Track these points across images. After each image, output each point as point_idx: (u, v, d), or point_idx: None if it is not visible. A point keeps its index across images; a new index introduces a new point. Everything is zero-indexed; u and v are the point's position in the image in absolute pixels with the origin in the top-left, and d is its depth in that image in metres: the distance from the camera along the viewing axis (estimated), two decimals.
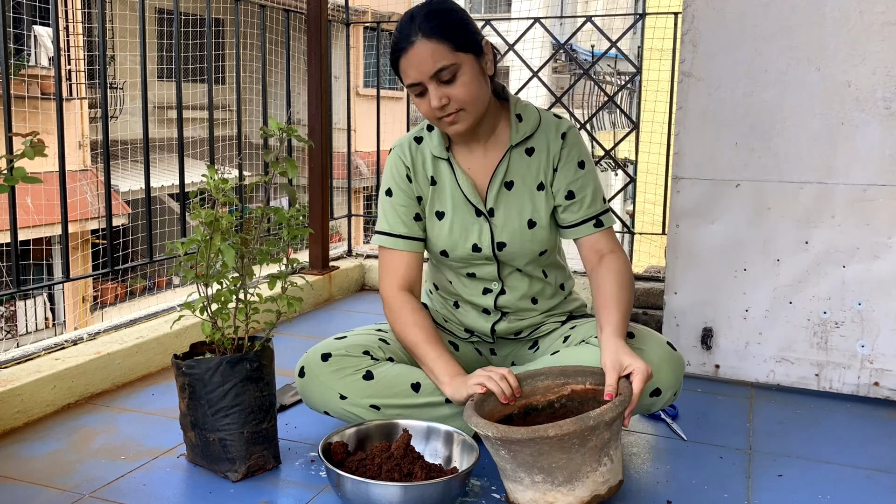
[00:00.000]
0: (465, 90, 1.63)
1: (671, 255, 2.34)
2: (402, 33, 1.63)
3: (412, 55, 1.61)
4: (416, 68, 1.62)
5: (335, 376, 1.71)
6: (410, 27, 1.62)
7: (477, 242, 1.80)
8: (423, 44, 1.60)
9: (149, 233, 2.64)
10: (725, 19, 2.21)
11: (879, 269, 2.13)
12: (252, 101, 7.57)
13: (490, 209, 1.78)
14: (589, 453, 1.40)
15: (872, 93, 2.09)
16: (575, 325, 1.86)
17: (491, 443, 1.43)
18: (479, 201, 1.78)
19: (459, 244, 1.80)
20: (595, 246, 1.78)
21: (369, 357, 1.74)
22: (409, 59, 1.62)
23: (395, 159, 1.83)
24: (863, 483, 1.68)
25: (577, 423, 1.36)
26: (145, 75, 2.53)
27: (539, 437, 1.36)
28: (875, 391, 2.18)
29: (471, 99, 1.65)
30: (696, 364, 2.34)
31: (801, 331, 2.23)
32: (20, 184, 1.38)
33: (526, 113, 1.79)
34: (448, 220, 1.80)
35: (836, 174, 2.15)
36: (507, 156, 1.77)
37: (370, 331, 1.84)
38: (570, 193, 1.78)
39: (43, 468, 1.66)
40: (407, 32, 1.62)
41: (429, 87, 1.63)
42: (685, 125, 2.28)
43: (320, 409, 1.75)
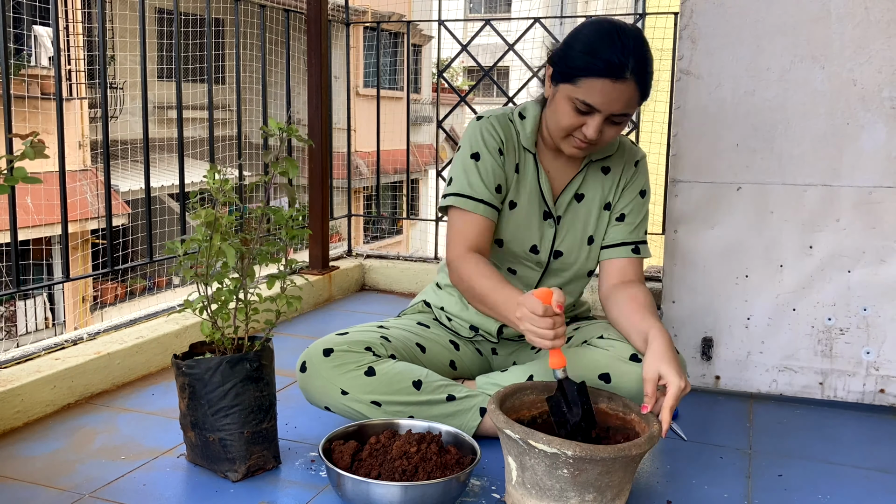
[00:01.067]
0: (614, 135, 1.68)
1: (669, 262, 2.26)
2: (619, 59, 1.56)
3: (617, 88, 1.58)
4: (608, 100, 1.59)
5: (337, 371, 1.71)
6: (629, 59, 1.57)
7: (537, 244, 1.82)
8: (632, 86, 1.59)
9: (149, 233, 2.64)
10: (726, 14, 2.13)
11: (886, 274, 2.08)
12: (252, 101, 7.57)
13: (558, 216, 1.81)
14: (632, 468, 1.43)
15: (879, 92, 2.03)
16: (579, 327, 1.86)
17: (555, 462, 1.35)
18: (552, 204, 1.81)
19: (520, 240, 1.81)
20: (624, 270, 1.80)
21: (371, 353, 1.74)
22: (611, 88, 1.58)
23: (489, 128, 1.78)
24: (863, 483, 1.68)
25: (649, 441, 1.39)
26: (145, 75, 2.53)
27: (621, 457, 1.34)
28: (881, 398, 2.13)
29: (610, 142, 1.70)
30: (695, 376, 2.26)
31: (805, 338, 2.16)
32: (20, 184, 1.38)
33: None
34: (518, 213, 1.81)
35: (841, 176, 2.09)
36: (585, 169, 1.81)
37: (372, 327, 1.84)
38: (622, 216, 1.83)
39: (43, 468, 1.66)
40: (624, 62, 1.56)
41: (596, 118, 1.61)
42: (683, 125, 2.20)
43: (321, 404, 1.75)
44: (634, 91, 1.60)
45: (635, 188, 1.84)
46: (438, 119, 3.62)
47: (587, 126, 1.62)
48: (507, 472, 1.47)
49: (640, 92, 1.62)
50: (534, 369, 1.75)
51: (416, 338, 1.88)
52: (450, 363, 1.90)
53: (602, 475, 1.37)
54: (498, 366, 1.96)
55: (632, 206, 1.83)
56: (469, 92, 3.65)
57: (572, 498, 1.39)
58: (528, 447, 1.36)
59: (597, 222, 1.84)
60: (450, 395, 1.72)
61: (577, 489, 1.38)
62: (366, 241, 13.68)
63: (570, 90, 1.61)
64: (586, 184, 1.82)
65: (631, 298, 1.71)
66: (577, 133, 1.65)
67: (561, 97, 1.65)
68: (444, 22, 3.48)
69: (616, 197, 1.84)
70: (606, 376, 1.66)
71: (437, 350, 1.89)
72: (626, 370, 1.66)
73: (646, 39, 1.64)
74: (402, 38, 13.71)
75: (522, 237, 1.81)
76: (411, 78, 9.48)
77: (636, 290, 1.74)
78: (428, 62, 16.08)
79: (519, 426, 1.38)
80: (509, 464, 1.45)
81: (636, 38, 1.61)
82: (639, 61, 1.58)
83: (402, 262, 3.50)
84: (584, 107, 1.61)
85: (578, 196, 1.82)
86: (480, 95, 15.37)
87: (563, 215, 1.82)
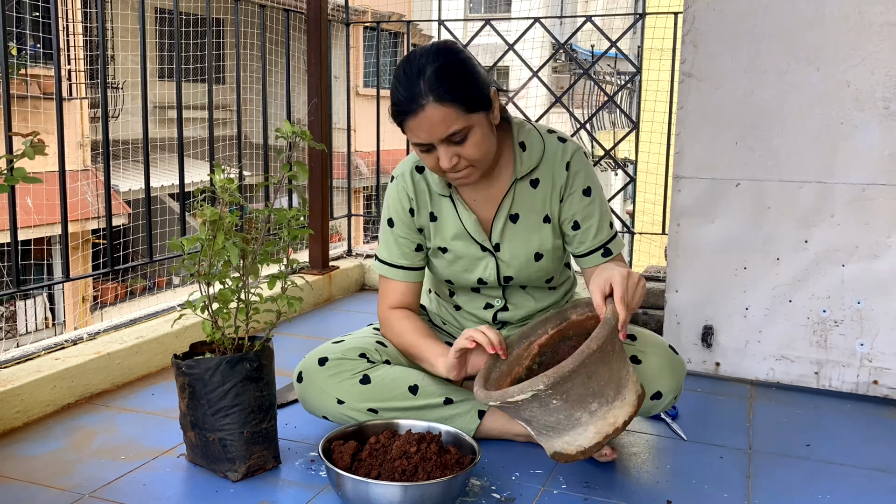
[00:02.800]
0: (476, 149, 1.58)
1: (672, 254, 2.35)
2: (410, 92, 1.53)
3: (422, 119, 1.53)
4: (426, 132, 1.55)
5: (332, 381, 1.71)
6: (418, 86, 1.52)
7: (482, 277, 1.79)
8: (434, 108, 1.52)
9: (149, 233, 2.64)
10: (726, 20, 2.21)
11: (879, 269, 2.14)
12: (252, 101, 7.57)
13: (496, 244, 1.76)
14: (619, 357, 1.43)
15: (872, 93, 2.10)
16: None
17: (539, 401, 1.36)
18: (484, 238, 1.75)
19: (464, 278, 1.80)
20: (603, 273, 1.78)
21: (366, 360, 1.74)
22: (418, 121, 1.54)
23: (399, 190, 1.77)
24: (863, 483, 1.68)
25: (604, 327, 1.37)
26: (145, 75, 2.53)
27: (586, 357, 1.34)
28: (874, 389, 2.18)
29: (482, 156, 1.60)
30: (696, 362, 2.35)
31: (801, 329, 2.24)
32: (20, 184, 1.38)
33: (530, 140, 1.73)
34: (451, 255, 1.78)
35: (835, 174, 2.16)
36: (512, 189, 1.73)
37: (367, 333, 1.84)
38: (575, 224, 1.74)
39: (43, 468, 1.66)
40: (415, 92, 1.52)
41: (438, 148, 1.57)
42: (686, 125, 2.29)
43: (319, 413, 1.75)
44: (442, 110, 1.51)
45: (576, 190, 1.73)
46: None
47: (440, 159, 1.57)
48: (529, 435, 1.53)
49: (453, 105, 1.52)
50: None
51: None
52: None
53: (587, 382, 1.37)
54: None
55: (581, 210, 1.73)
56: None
57: (583, 416, 1.41)
58: (514, 404, 1.39)
59: (540, 238, 1.75)
60: (447, 398, 1.72)
61: (577, 407, 1.39)
62: (366, 241, 13.67)
63: (408, 136, 1.61)
64: (517, 203, 1.73)
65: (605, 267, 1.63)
66: (444, 169, 1.60)
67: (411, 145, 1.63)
68: (444, 22, 3.48)
69: (554, 207, 1.74)
70: None
71: None
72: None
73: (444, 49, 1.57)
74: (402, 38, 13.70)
75: (465, 275, 1.80)
76: None
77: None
78: None
79: (494, 392, 1.41)
80: (523, 427, 1.50)
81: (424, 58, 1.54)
82: (428, 81, 1.51)
83: None
84: (420, 147, 1.59)
85: (513, 217, 1.74)
86: None
87: (501, 242, 1.75)
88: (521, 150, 1.72)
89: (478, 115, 1.56)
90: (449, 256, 1.79)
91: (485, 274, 1.78)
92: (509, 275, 1.77)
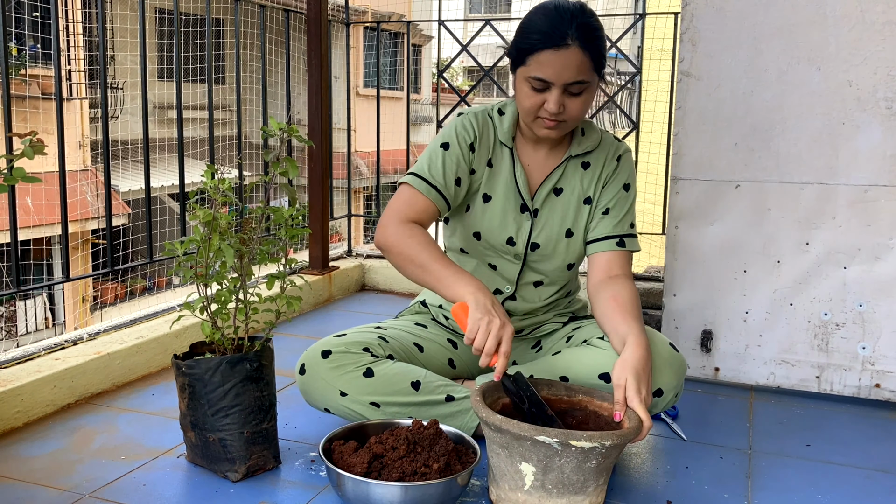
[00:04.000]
0: (582, 108, 1.67)
1: (670, 257, 2.33)
2: (557, 28, 1.59)
3: (562, 56, 1.60)
4: (557, 70, 1.61)
5: (336, 373, 1.71)
6: (569, 26, 1.59)
7: (513, 236, 1.82)
8: (576, 52, 1.59)
9: (149, 233, 2.64)
10: (725, 18, 2.19)
11: (881, 271, 2.12)
12: (252, 101, 7.57)
13: (535, 209, 1.82)
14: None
15: (874, 93, 2.08)
16: (579, 326, 1.86)
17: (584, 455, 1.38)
18: (528, 198, 1.82)
19: (496, 232, 1.83)
20: (609, 264, 1.79)
21: (369, 354, 1.74)
22: (556, 57, 1.60)
23: (467, 123, 1.82)
24: (863, 483, 1.68)
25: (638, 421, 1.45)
26: (145, 75, 2.53)
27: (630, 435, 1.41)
28: (876, 393, 2.17)
29: (580, 116, 1.69)
30: (695, 367, 2.33)
31: (802, 333, 2.22)
32: (20, 183, 1.38)
33: (589, 129, 1.84)
34: (493, 205, 1.83)
35: (837, 175, 2.14)
36: (565, 164, 1.82)
37: (369, 329, 1.84)
38: (606, 210, 1.82)
39: (43, 468, 1.66)
40: (564, 30, 1.59)
41: (553, 91, 1.64)
42: (684, 125, 2.27)
43: (321, 406, 1.75)
44: (582, 56, 1.60)
45: (618, 182, 1.83)
46: (438, 119, 3.62)
47: (548, 102, 1.64)
48: (511, 479, 1.44)
49: (589, 57, 1.61)
50: (534, 369, 1.75)
51: (414, 338, 1.88)
52: (448, 361, 1.91)
53: (615, 457, 1.43)
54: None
55: (615, 199, 1.82)
56: (469, 92, 3.65)
57: (591, 485, 1.42)
58: (565, 447, 1.36)
59: (575, 216, 1.83)
60: (449, 395, 1.72)
61: (595, 476, 1.41)
62: (366, 241, 13.67)
63: (524, 71, 1.65)
64: (565, 178, 1.82)
65: (612, 297, 1.70)
66: (541, 112, 1.67)
67: (519, 81, 1.68)
68: (444, 22, 3.48)
69: (597, 192, 1.83)
70: (606, 376, 1.67)
71: (435, 349, 1.89)
72: None
73: (589, 9, 1.65)
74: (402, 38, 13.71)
75: (498, 229, 1.83)
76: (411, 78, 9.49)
77: (619, 286, 1.72)
78: (428, 62, 16.09)
79: (554, 430, 1.37)
80: (521, 470, 1.42)
81: (575, 7, 1.63)
82: (580, 27, 1.60)
83: None
84: (539, 83, 1.64)
85: (557, 190, 1.82)
86: (480, 95, 15.38)
87: (540, 208, 1.82)
88: (581, 134, 1.83)
89: (596, 77, 1.67)
90: (491, 206, 1.82)
91: (516, 233, 1.82)
92: (538, 241, 1.82)
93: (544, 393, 1.64)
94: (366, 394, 1.69)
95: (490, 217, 1.83)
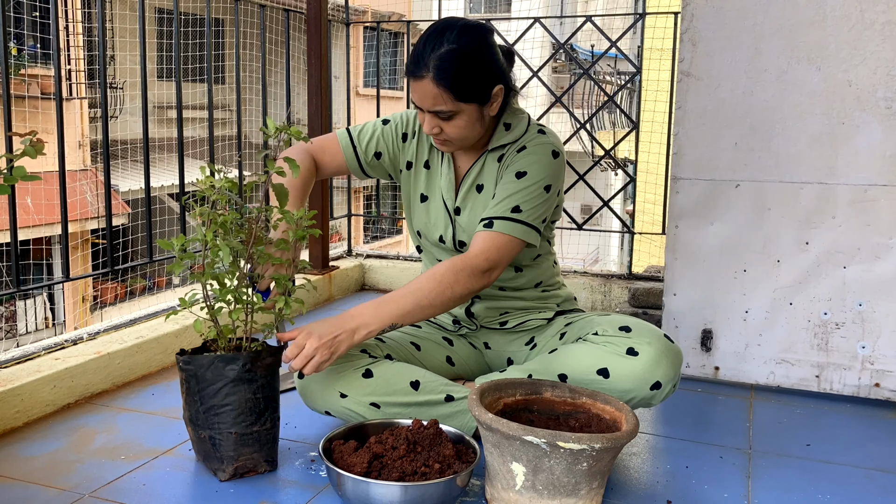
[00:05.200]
0: (456, 131, 1.70)
1: (670, 256, 2.33)
2: (421, 59, 1.63)
3: (419, 86, 1.64)
4: (418, 97, 1.66)
5: (335, 375, 1.71)
6: (429, 56, 1.62)
7: (442, 234, 1.87)
8: (430, 84, 1.62)
9: (148, 232, 2.64)
10: (725, 18, 2.19)
11: (880, 270, 2.12)
12: (252, 101, 7.57)
13: (456, 208, 1.84)
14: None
15: (873, 92, 2.08)
16: (570, 322, 1.86)
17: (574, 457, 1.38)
18: (451, 198, 1.84)
19: (430, 231, 1.89)
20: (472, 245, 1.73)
21: (367, 355, 1.74)
22: (415, 86, 1.65)
23: (411, 116, 1.89)
24: (863, 483, 1.68)
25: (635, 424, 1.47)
26: (145, 75, 2.53)
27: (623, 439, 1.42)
28: (876, 392, 2.17)
29: (460, 138, 1.71)
30: (695, 366, 2.33)
31: (802, 332, 2.22)
32: (19, 182, 1.38)
33: (515, 123, 1.81)
34: (428, 206, 1.88)
35: (836, 174, 2.14)
36: (483, 158, 1.82)
37: None
38: (494, 195, 1.78)
39: (43, 468, 1.66)
40: (424, 61, 1.62)
41: (425, 114, 1.68)
42: (684, 125, 2.27)
43: (321, 409, 1.75)
44: (435, 89, 1.62)
45: (511, 170, 1.76)
46: None
47: (424, 122, 1.69)
48: (503, 478, 1.45)
49: (445, 89, 1.62)
50: (532, 369, 1.75)
51: (410, 337, 1.89)
52: (446, 359, 1.91)
53: (609, 461, 1.43)
54: (492, 360, 1.96)
55: (503, 185, 1.75)
56: None
57: (583, 489, 1.41)
58: (553, 448, 1.37)
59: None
60: (448, 395, 1.72)
61: (587, 479, 1.41)
62: (366, 240, 13.68)
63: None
64: (484, 173, 1.82)
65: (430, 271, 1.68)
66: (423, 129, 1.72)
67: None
68: None
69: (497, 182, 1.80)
70: (605, 371, 1.67)
71: (431, 347, 1.90)
72: (623, 364, 1.67)
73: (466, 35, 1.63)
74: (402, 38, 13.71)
75: (432, 228, 1.88)
76: None
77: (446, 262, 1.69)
78: None
79: (542, 430, 1.38)
80: (512, 470, 1.43)
81: (446, 35, 1.63)
82: (437, 59, 1.61)
83: (401, 261, 3.50)
84: (415, 103, 1.69)
85: (479, 186, 1.82)
86: None
87: (462, 207, 1.83)
88: (504, 129, 1.80)
89: (469, 105, 1.66)
90: (426, 206, 1.88)
91: (445, 232, 1.86)
92: (463, 240, 1.85)
93: (548, 394, 1.64)
94: (365, 394, 1.69)
95: (425, 217, 1.88)
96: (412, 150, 1.89)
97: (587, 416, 1.61)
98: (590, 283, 3.13)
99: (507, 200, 1.73)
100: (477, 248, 1.71)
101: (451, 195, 1.84)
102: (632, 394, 1.67)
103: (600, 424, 1.58)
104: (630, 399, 1.67)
